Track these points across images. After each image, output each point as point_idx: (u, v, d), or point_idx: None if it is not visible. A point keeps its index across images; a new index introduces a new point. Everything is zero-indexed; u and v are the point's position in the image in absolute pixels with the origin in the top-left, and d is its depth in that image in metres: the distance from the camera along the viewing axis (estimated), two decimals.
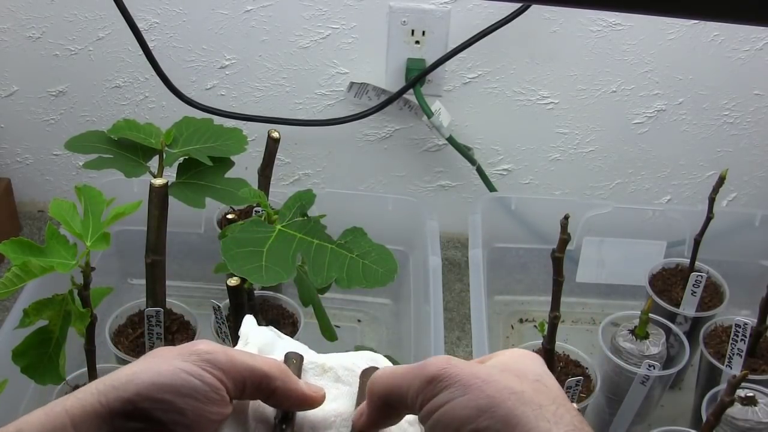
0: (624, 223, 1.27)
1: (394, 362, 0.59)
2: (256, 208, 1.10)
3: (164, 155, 1.03)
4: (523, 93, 1.32)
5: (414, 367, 0.49)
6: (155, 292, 1.02)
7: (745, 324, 1.04)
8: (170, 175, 1.02)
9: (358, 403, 0.55)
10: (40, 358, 0.87)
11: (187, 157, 1.03)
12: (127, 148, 1.03)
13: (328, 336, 0.98)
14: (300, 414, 0.54)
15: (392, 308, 1.31)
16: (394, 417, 0.51)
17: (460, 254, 1.44)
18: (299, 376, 0.56)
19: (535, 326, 1.29)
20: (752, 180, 1.41)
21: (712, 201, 1.13)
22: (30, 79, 1.35)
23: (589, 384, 1.05)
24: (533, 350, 1.08)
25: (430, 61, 1.27)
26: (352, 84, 1.32)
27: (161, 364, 0.50)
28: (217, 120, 1.10)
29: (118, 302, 1.16)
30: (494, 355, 0.52)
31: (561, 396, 0.48)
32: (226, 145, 1.05)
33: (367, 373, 0.56)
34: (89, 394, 0.49)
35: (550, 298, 1.01)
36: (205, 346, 0.51)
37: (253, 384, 0.51)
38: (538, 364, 0.51)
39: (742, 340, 1.05)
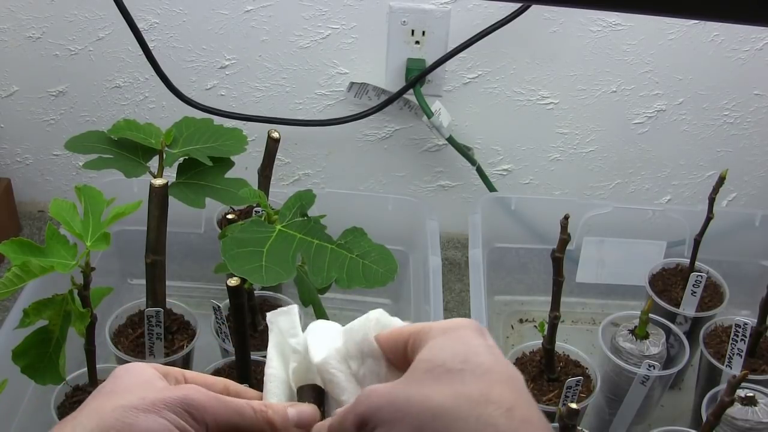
0: (624, 223, 1.27)
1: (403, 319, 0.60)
2: (256, 208, 1.10)
3: (164, 155, 1.03)
4: (523, 93, 1.32)
5: (347, 409, 0.50)
6: (155, 292, 1.02)
7: (745, 324, 1.04)
8: (170, 175, 1.02)
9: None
10: (40, 358, 0.87)
11: (187, 157, 1.03)
12: (127, 148, 1.03)
13: None
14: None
15: (392, 308, 1.31)
16: None
17: (460, 254, 1.44)
18: (317, 402, 0.58)
19: (535, 326, 1.29)
20: (752, 180, 1.41)
21: (712, 201, 1.13)
22: (30, 79, 1.35)
23: (589, 384, 1.05)
24: (533, 350, 1.09)
25: (430, 61, 1.27)
26: (352, 84, 1.32)
27: (155, 416, 0.51)
28: (217, 120, 1.10)
29: (118, 302, 1.16)
30: (427, 335, 0.51)
31: (489, 377, 0.47)
32: (226, 145, 1.05)
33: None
34: None
35: (550, 298, 1.01)
36: (196, 397, 0.52)
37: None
38: (474, 336, 0.50)
39: (742, 340, 1.05)
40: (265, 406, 0.55)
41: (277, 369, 0.60)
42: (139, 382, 0.54)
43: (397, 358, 0.54)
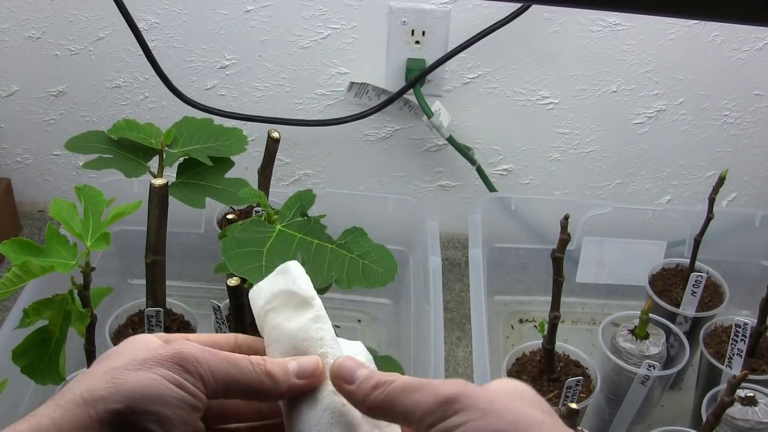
0: (624, 223, 1.27)
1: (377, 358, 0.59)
2: (256, 208, 1.10)
3: (164, 155, 1.02)
4: (523, 93, 1.32)
5: (427, 384, 0.48)
6: (155, 292, 1.02)
7: (745, 324, 1.04)
8: (170, 175, 1.02)
9: None
10: (40, 358, 0.87)
11: (187, 157, 1.03)
12: (127, 148, 1.03)
13: None
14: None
15: (392, 308, 1.31)
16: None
17: (460, 254, 1.44)
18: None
19: (535, 326, 1.29)
20: (752, 180, 1.41)
21: (712, 201, 1.13)
22: (30, 79, 1.35)
23: (589, 384, 1.05)
24: (533, 350, 1.09)
25: (430, 61, 1.27)
26: (352, 84, 1.32)
27: (146, 372, 0.49)
28: (217, 120, 1.10)
29: (118, 302, 1.16)
30: (494, 384, 0.51)
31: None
32: (226, 145, 1.05)
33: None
34: (76, 405, 0.48)
35: (550, 298, 1.01)
36: (188, 350, 0.51)
37: (232, 391, 0.52)
38: (539, 397, 0.50)
39: (742, 340, 1.05)
40: (263, 359, 0.53)
41: (277, 328, 0.57)
42: (135, 347, 0.53)
43: (395, 412, 0.51)
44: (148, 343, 0.53)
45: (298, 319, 0.56)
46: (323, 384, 0.53)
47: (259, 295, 0.58)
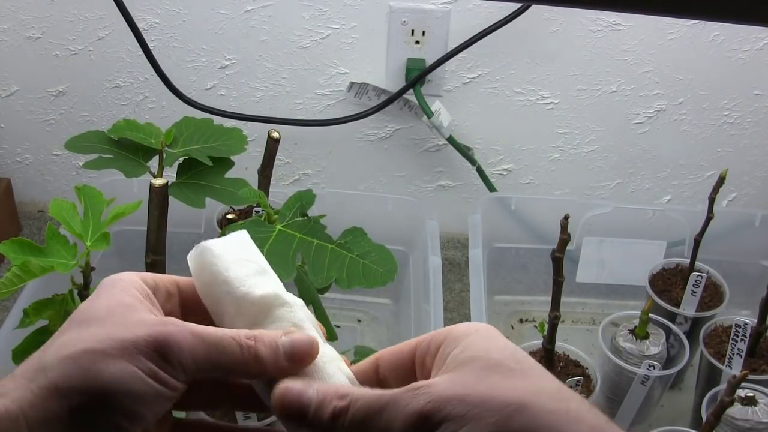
0: (624, 223, 1.27)
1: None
2: (256, 208, 1.10)
3: (164, 155, 1.02)
4: (523, 93, 1.32)
5: (390, 402, 0.45)
6: None
7: (745, 324, 1.04)
8: (170, 175, 1.02)
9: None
10: None
11: (187, 157, 1.03)
12: (127, 148, 1.03)
13: (329, 336, 0.98)
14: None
15: (392, 308, 1.31)
16: None
17: (460, 254, 1.44)
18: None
19: (535, 326, 1.29)
20: (752, 180, 1.41)
21: (712, 201, 1.13)
22: (30, 79, 1.35)
23: (589, 384, 1.05)
24: (533, 350, 1.09)
25: (430, 61, 1.27)
26: (352, 84, 1.32)
27: (125, 363, 0.46)
28: (217, 120, 1.10)
29: None
30: (451, 337, 0.48)
31: (548, 376, 0.45)
32: (226, 145, 1.05)
33: None
34: (48, 393, 0.45)
35: (550, 298, 1.01)
36: (172, 336, 0.47)
37: (212, 374, 0.49)
38: (502, 338, 0.48)
39: (742, 340, 1.05)
40: (254, 338, 0.48)
41: (237, 292, 0.51)
42: (117, 307, 0.49)
43: (397, 369, 0.50)
44: (133, 305, 0.49)
45: (264, 285, 0.52)
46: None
47: (211, 254, 0.52)
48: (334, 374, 0.49)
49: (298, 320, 0.51)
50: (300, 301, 0.52)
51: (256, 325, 0.50)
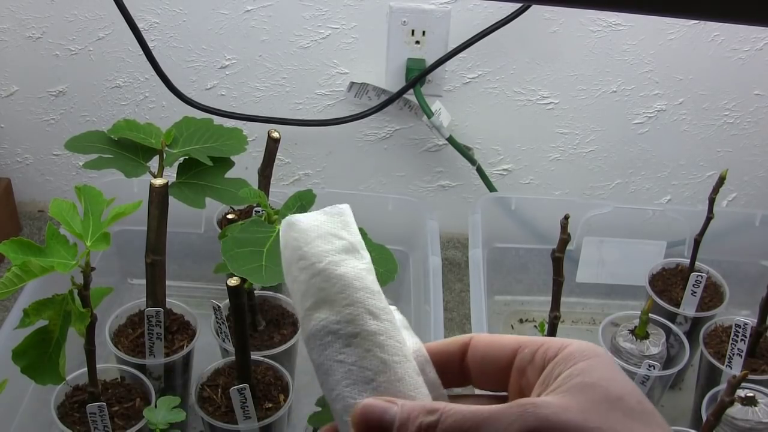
0: (624, 223, 1.27)
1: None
2: (256, 208, 1.10)
3: (164, 155, 1.02)
4: (523, 93, 1.32)
5: (489, 419, 0.38)
6: (155, 292, 1.02)
7: (745, 324, 1.05)
8: (170, 175, 1.02)
9: None
10: (40, 358, 0.87)
11: (187, 157, 1.03)
12: (127, 148, 1.03)
13: None
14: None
15: None
16: None
17: (460, 254, 1.44)
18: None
19: (535, 326, 1.29)
20: (752, 180, 1.41)
21: (712, 201, 1.13)
22: (30, 79, 1.35)
23: None
24: None
25: (430, 61, 1.27)
26: (352, 84, 1.32)
27: None
28: (217, 120, 1.10)
29: (118, 302, 1.16)
30: (566, 355, 0.42)
31: (666, 426, 0.40)
32: (226, 145, 1.05)
33: None
34: None
35: (550, 298, 1.01)
36: None
37: None
38: (621, 370, 0.41)
39: (742, 340, 1.05)
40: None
41: (321, 271, 0.43)
42: None
43: (487, 366, 0.44)
44: None
45: (348, 263, 0.44)
46: None
47: (295, 229, 0.45)
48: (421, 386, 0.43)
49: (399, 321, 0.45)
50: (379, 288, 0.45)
51: (325, 304, 0.43)
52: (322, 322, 0.42)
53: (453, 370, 0.45)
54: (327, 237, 0.45)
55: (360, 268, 0.44)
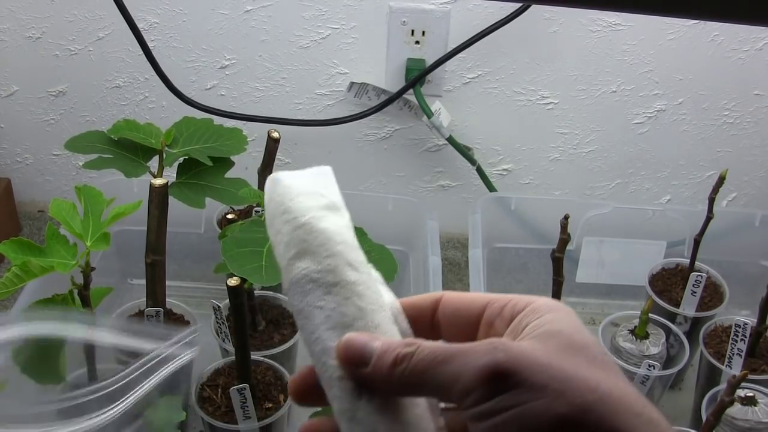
0: (624, 223, 1.27)
1: None
2: (256, 208, 1.10)
3: (164, 155, 1.03)
4: (523, 93, 1.32)
5: (460, 353, 0.40)
6: (155, 292, 1.02)
7: (745, 324, 1.05)
8: (170, 175, 1.02)
9: None
10: (40, 358, 0.87)
11: (187, 157, 1.03)
12: (127, 148, 1.03)
13: None
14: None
15: None
16: None
17: (460, 254, 1.44)
18: None
19: None
20: (752, 180, 1.41)
21: (712, 201, 1.13)
22: (30, 79, 1.35)
23: None
24: None
25: (430, 61, 1.27)
26: (352, 84, 1.32)
27: None
28: (217, 120, 1.10)
29: (118, 302, 1.16)
30: (533, 308, 0.44)
31: (626, 380, 0.41)
32: (226, 145, 1.05)
33: None
34: None
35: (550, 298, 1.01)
36: None
37: None
38: (582, 325, 0.43)
39: (742, 340, 1.05)
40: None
41: (302, 224, 0.46)
42: None
43: (458, 319, 0.46)
44: None
45: (330, 219, 0.47)
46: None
47: (280, 185, 0.49)
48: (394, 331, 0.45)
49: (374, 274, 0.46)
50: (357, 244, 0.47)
51: (307, 255, 0.45)
52: (303, 271, 0.45)
53: (424, 325, 0.48)
54: (310, 194, 0.49)
55: (341, 224, 0.47)
